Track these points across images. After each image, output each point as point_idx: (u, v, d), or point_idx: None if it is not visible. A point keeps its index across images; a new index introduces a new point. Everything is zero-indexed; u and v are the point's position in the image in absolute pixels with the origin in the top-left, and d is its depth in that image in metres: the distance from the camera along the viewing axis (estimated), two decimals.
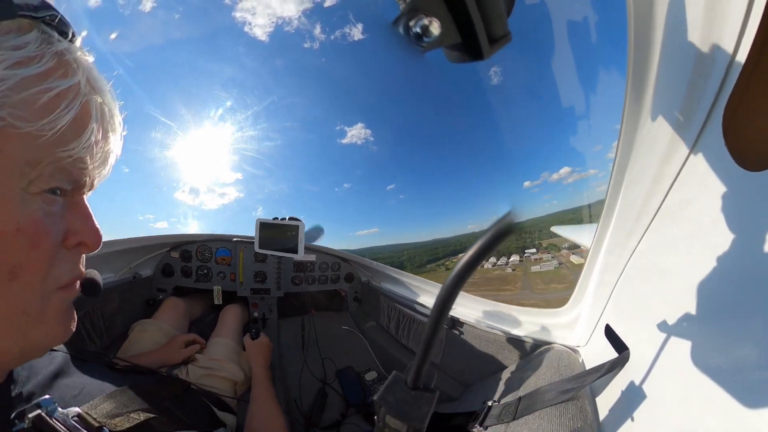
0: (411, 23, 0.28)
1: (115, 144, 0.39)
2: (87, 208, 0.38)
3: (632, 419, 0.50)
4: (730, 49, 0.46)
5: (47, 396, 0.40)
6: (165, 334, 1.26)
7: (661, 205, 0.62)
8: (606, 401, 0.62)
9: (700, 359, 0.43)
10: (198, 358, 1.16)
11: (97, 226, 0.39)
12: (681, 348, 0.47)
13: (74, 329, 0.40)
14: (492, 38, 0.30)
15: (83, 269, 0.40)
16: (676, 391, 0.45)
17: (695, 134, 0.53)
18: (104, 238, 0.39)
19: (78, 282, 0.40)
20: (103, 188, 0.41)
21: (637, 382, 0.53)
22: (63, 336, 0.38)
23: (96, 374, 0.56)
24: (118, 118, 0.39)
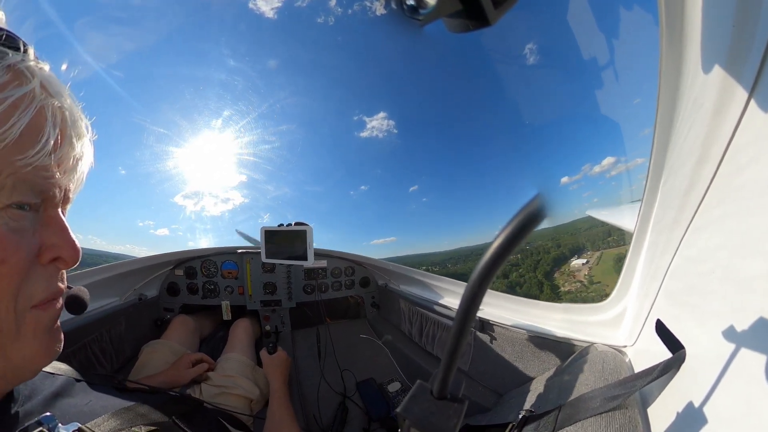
0: None
1: (84, 149, 0.41)
2: (62, 222, 0.39)
3: None
4: None
5: (48, 413, 0.41)
6: (175, 353, 1.31)
7: (714, 174, 0.56)
8: (659, 410, 0.58)
9: None
10: (211, 376, 1.19)
11: (74, 239, 0.39)
12: (751, 346, 0.42)
13: (60, 350, 0.41)
14: (497, 0, 0.28)
15: (63, 286, 0.41)
16: (745, 398, 0.40)
17: (749, 87, 0.48)
18: (109, 249, 0.41)
19: (60, 299, 0.41)
20: (102, 193, 0.43)
21: (696, 388, 0.49)
22: (44, 355, 0.39)
23: (102, 395, 0.58)
24: (83, 122, 0.40)
